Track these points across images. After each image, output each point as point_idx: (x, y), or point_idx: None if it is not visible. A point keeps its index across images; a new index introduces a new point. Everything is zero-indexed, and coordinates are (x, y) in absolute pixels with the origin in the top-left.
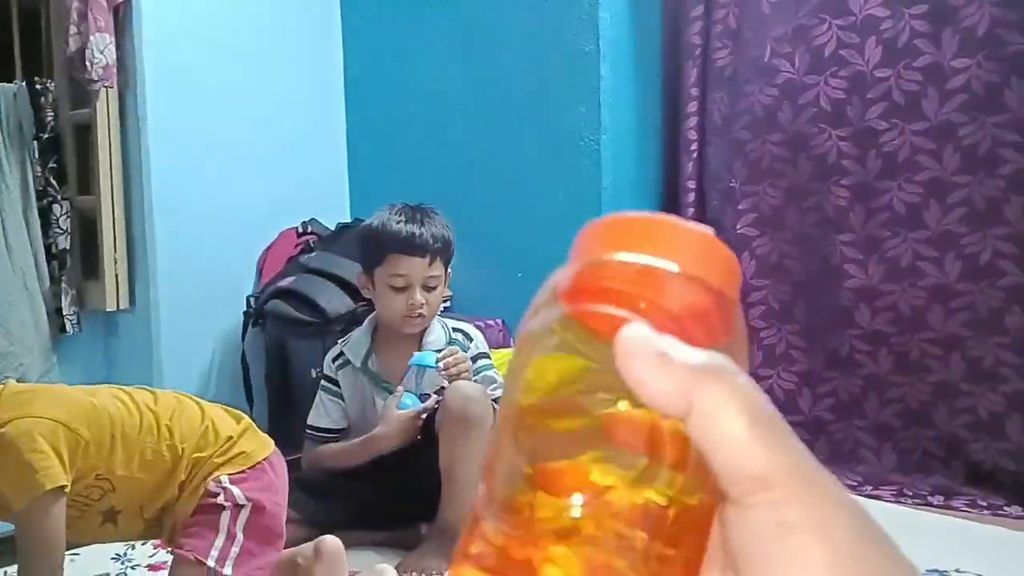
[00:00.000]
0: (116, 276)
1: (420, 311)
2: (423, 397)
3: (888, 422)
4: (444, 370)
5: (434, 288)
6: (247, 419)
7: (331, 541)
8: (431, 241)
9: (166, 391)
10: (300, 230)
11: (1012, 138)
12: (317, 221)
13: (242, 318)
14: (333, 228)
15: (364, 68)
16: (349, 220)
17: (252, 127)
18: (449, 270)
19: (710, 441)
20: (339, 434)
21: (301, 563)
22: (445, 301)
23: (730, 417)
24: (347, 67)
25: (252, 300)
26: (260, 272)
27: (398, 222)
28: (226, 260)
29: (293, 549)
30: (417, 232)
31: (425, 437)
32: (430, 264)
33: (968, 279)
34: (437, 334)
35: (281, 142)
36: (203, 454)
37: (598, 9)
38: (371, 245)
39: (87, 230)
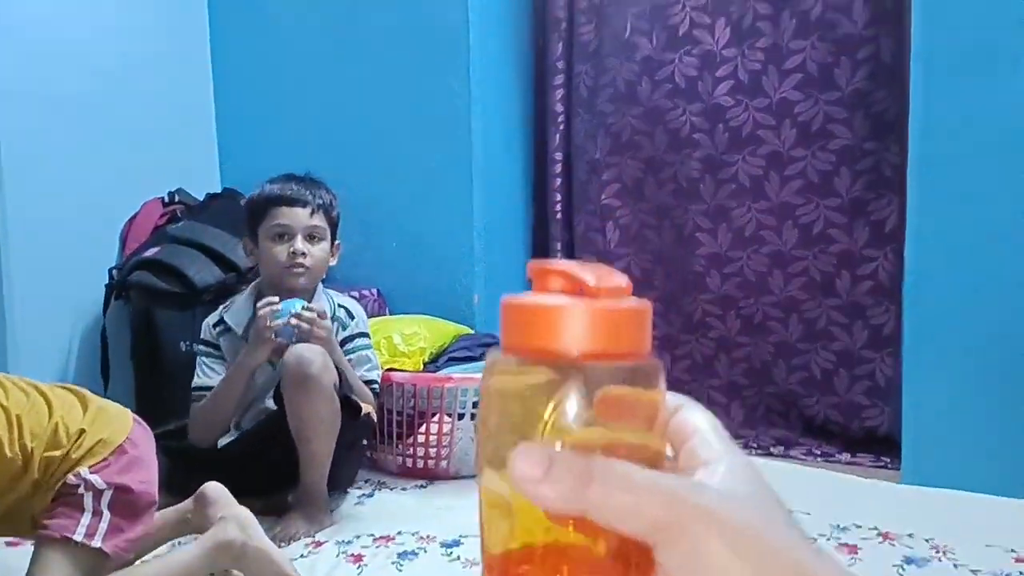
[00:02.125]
0: None
1: (301, 260)
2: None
3: (736, 380)
4: (295, 320)
5: (318, 240)
6: (95, 401)
7: (211, 486)
8: (312, 196)
9: (14, 379)
10: (166, 200)
11: (841, 115)
12: (184, 191)
13: (104, 290)
14: (202, 198)
15: (231, 34)
16: (219, 190)
17: (113, 92)
18: (338, 242)
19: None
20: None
21: (190, 518)
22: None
23: (622, 508)
24: (213, 33)
25: (115, 272)
26: (124, 243)
27: (281, 182)
28: (85, 230)
29: (173, 508)
30: (296, 187)
31: (279, 401)
32: (311, 215)
33: (803, 246)
34: (322, 303)
35: (144, 109)
36: (56, 453)
37: None
38: (254, 206)
39: None
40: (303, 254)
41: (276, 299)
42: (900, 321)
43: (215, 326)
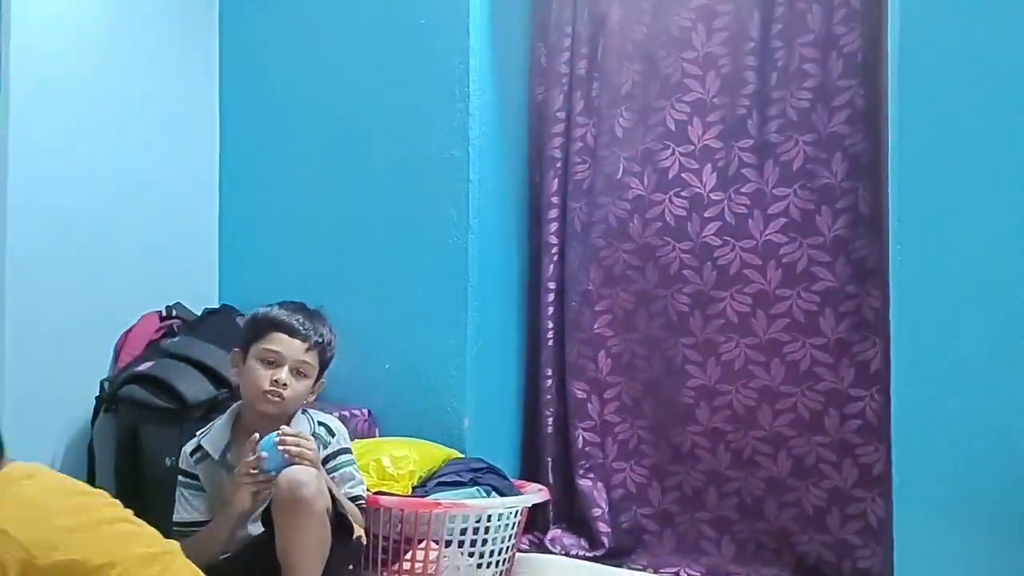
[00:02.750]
0: None
1: (282, 390)
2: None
3: (727, 515)
4: (282, 446)
5: (303, 377)
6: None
7: None
8: (313, 332)
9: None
10: (164, 314)
11: (824, 259)
12: (183, 305)
13: (94, 402)
14: (199, 313)
15: (239, 156)
16: (217, 306)
17: (121, 209)
18: (323, 379)
19: None
20: (206, 526)
21: None
22: (310, 402)
23: None
24: (223, 154)
25: (106, 384)
26: (117, 356)
27: (288, 309)
28: (80, 342)
29: None
30: (303, 319)
31: (268, 523)
32: (306, 351)
33: (791, 382)
34: (301, 426)
35: (148, 222)
36: None
37: (468, 118)
38: (255, 324)
39: None
40: (284, 385)
41: (261, 454)
42: (890, 461)
43: (192, 453)
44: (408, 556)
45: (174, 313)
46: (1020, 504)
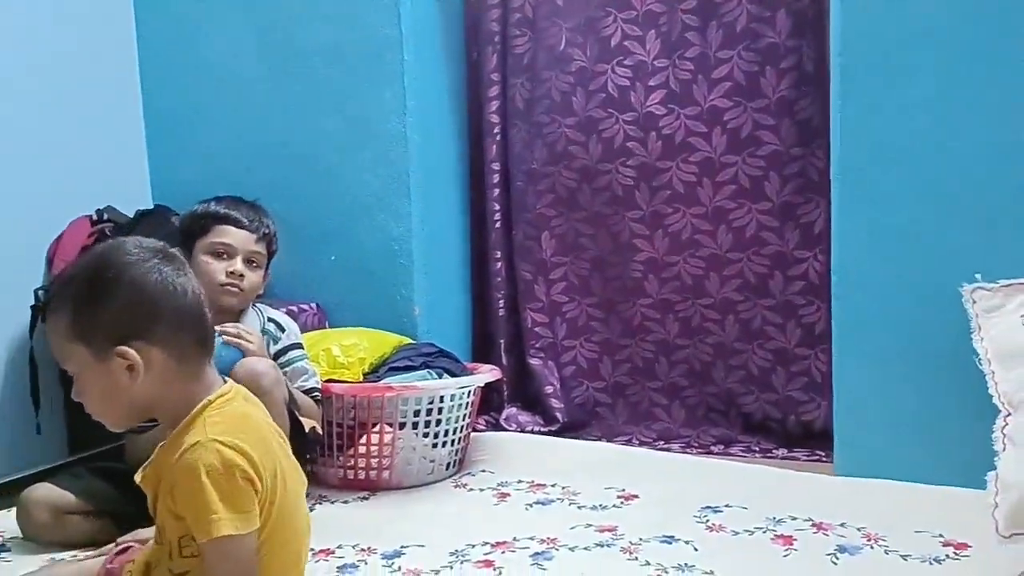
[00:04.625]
0: None
1: (238, 282)
2: None
3: (677, 382)
4: (224, 337)
5: (256, 267)
6: None
7: None
8: (259, 224)
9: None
10: (95, 218)
11: (769, 122)
12: (114, 208)
13: (30, 312)
14: (132, 216)
15: (159, 49)
16: (150, 207)
17: (36, 109)
18: (269, 271)
19: None
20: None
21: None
22: (261, 293)
23: None
24: (141, 46)
25: (41, 293)
26: (50, 263)
27: (229, 202)
28: (8, 250)
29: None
30: (247, 211)
31: None
32: (256, 241)
33: (738, 249)
34: (251, 322)
35: (70, 125)
36: None
37: None
38: (197, 219)
39: None
40: (241, 276)
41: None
42: (830, 318)
43: None
44: (363, 440)
45: (105, 217)
46: (949, 354)
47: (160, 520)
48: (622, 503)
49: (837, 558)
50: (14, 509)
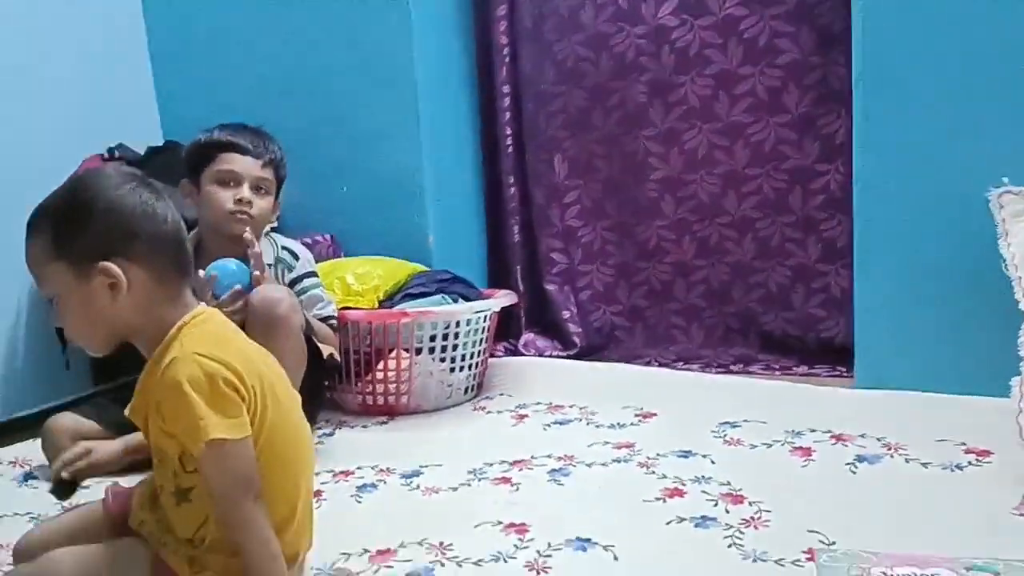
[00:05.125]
0: None
1: (247, 209)
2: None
3: (695, 303)
4: (250, 255)
5: (264, 194)
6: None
7: None
8: (264, 149)
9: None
10: (106, 156)
11: (787, 29)
12: (125, 146)
13: None
14: (143, 153)
15: None
16: (161, 143)
17: (43, 48)
18: (280, 199)
19: None
20: None
21: None
22: (272, 222)
23: None
24: None
25: None
26: None
27: (232, 129)
28: (25, 188)
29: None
30: (251, 137)
31: None
32: (262, 167)
33: (756, 164)
34: (265, 250)
35: (77, 64)
36: None
37: None
38: (200, 149)
39: None
40: (249, 203)
41: (212, 272)
42: (852, 232)
43: None
44: (380, 367)
45: (116, 154)
46: (972, 265)
47: (157, 443)
48: (640, 421)
49: (856, 467)
50: (39, 439)
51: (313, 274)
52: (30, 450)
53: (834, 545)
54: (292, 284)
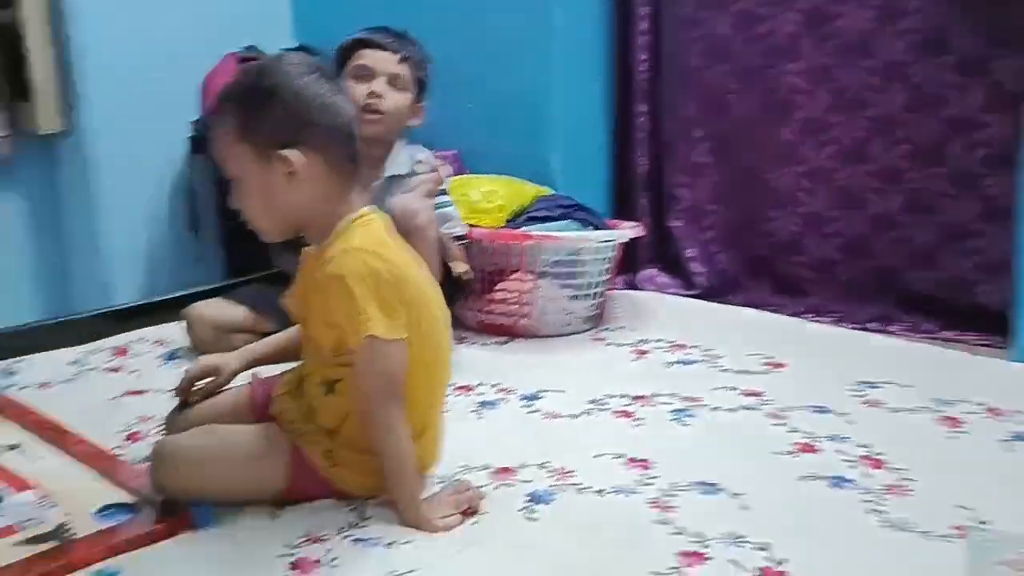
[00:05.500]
0: (47, 96)
1: (376, 103)
2: None
3: (829, 255)
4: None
5: (399, 89)
6: None
7: None
8: (400, 46)
9: None
10: (241, 55)
11: None
12: (257, 48)
13: (186, 144)
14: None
15: None
16: (293, 47)
17: None
18: (422, 104)
19: None
20: None
21: None
22: (412, 124)
23: None
24: None
25: (196, 125)
26: (204, 95)
27: (371, 30)
28: (166, 82)
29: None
30: (388, 36)
31: None
32: (397, 63)
33: (912, 109)
34: (401, 160)
35: None
36: None
37: None
38: (341, 49)
39: (10, 46)
40: (379, 96)
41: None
42: (1016, 191)
43: None
44: (502, 287)
45: (251, 56)
46: None
47: (312, 333)
48: (768, 370)
49: (1013, 446)
50: (184, 322)
51: (445, 191)
52: (173, 332)
53: (987, 525)
54: None
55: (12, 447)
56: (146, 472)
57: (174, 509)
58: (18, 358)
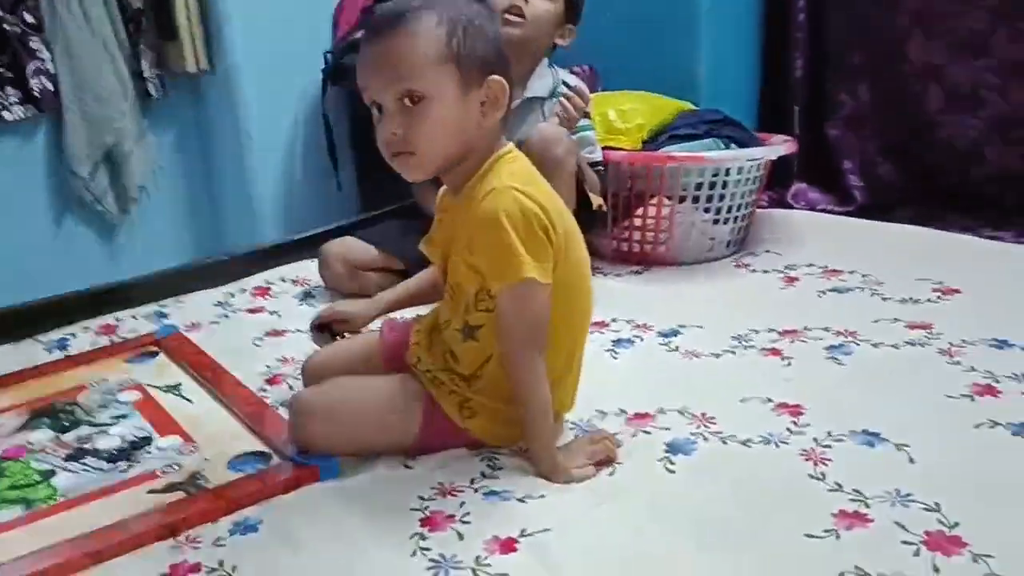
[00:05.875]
0: (192, 36)
1: (522, 7)
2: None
3: (1013, 164)
4: (559, 106)
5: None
6: None
7: None
8: None
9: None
10: None
11: None
12: None
13: (321, 76)
14: None
15: None
16: None
17: None
18: (571, 26)
19: None
20: None
21: None
22: (558, 42)
23: None
24: None
25: (329, 57)
26: (336, 26)
27: None
28: (300, 14)
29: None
30: None
31: None
32: None
33: None
34: (543, 81)
35: None
36: None
37: None
38: None
39: None
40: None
41: None
42: None
43: None
44: (640, 213)
45: None
46: None
47: (454, 278)
48: (939, 298)
49: None
50: (316, 260)
51: (587, 114)
52: (308, 269)
53: None
54: None
55: (171, 388)
56: (285, 424)
57: (306, 462)
58: (170, 299)
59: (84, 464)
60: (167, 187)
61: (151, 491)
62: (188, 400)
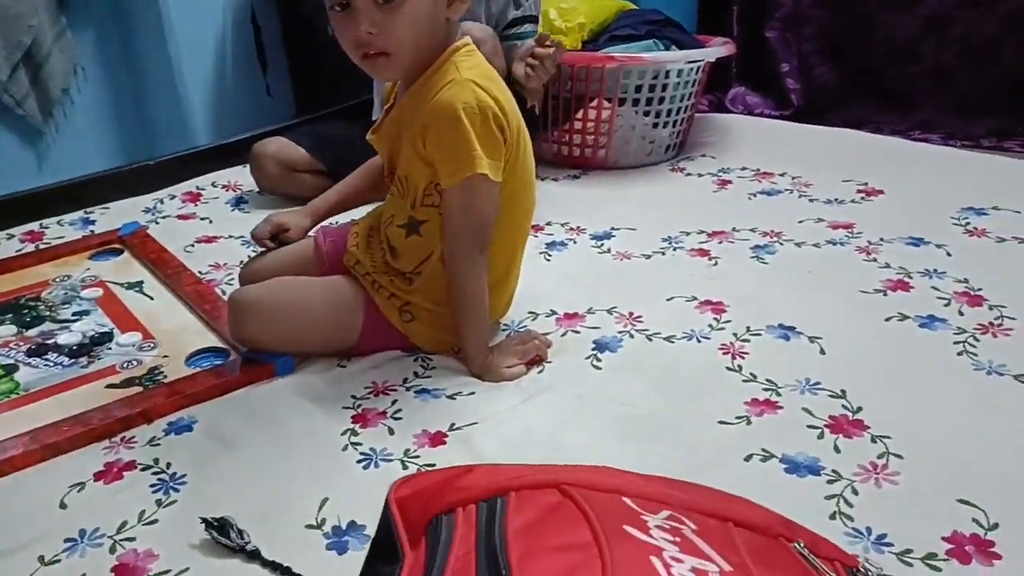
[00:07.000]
0: None
1: None
2: None
3: (947, 62)
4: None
5: None
6: None
7: None
8: None
9: None
10: None
11: None
12: None
13: None
14: None
15: None
16: None
17: None
18: None
19: None
20: None
21: None
22: None
23: None
24: None
25: None
26: None
27: None
28: None
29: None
30: None
31: None
32: None
33: None
34: None
35: None
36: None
37: None
38: None
39: None
40: None
41: None
42: None
43: None
44: (579, 115)
45: None
46: None
47: (403, 170)
48: (863, 199)
49: None
50: (248, 165)
51: (535, 19)
52: (240, 175)
53: None
54: (513, 23)
55: (132, 285)
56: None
57: (261, 359)
58: (97, 206)
59: (46, 360)
60: (90, 91)
61: (110, 386)
62: (149, 297)
